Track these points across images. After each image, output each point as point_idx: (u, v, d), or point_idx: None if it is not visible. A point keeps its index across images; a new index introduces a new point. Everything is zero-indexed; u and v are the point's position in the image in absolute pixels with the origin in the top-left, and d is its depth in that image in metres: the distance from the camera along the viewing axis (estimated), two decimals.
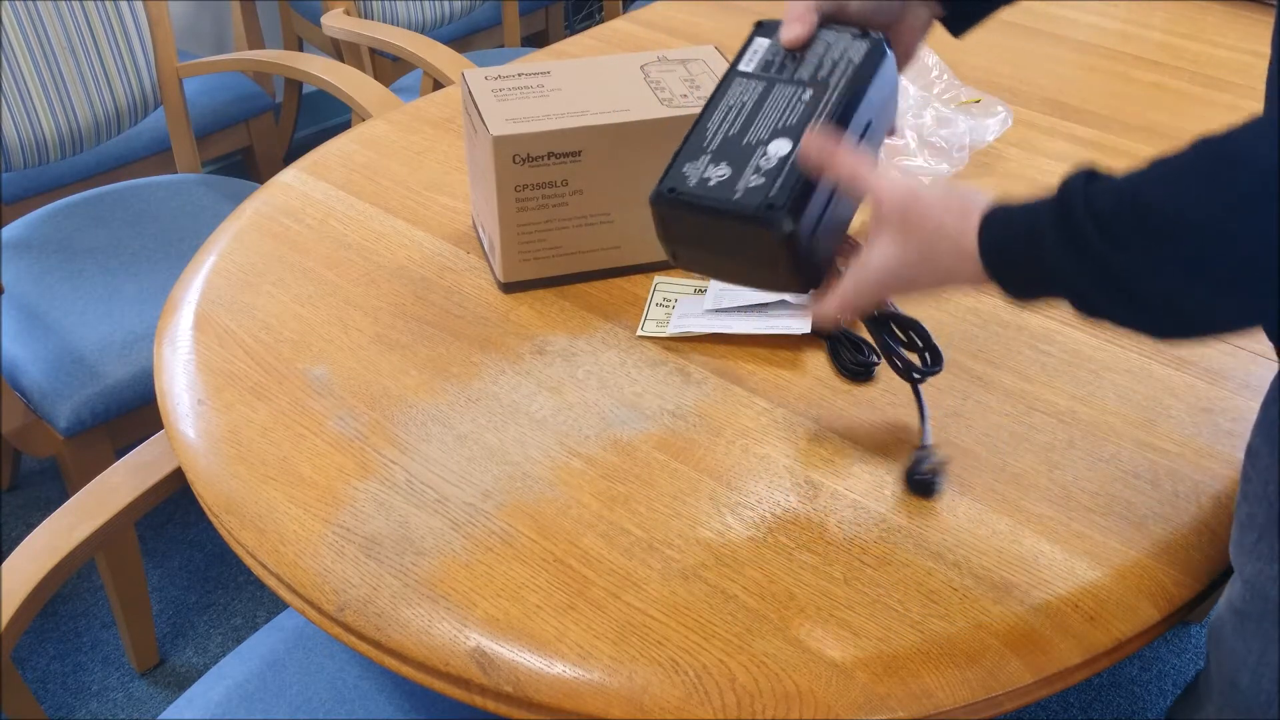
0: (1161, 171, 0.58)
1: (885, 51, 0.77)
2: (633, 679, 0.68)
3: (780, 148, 0.73)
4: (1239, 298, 0.56)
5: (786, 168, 0.72)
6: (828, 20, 0.79)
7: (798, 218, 0.70)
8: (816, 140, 0.72)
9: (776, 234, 0.71)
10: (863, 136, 0.76)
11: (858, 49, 0.77)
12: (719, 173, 0.73)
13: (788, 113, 0.75)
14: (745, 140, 0.75)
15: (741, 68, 0.79)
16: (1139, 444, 0.84)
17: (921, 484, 0.79)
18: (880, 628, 0.70)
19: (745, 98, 0.77)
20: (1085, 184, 0.60)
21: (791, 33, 0.79)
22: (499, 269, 0.98)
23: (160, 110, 1.97)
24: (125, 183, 1.67)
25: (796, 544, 0.76)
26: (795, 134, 0.74)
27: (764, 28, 0.81)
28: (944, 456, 0.82)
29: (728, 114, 0.76)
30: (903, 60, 0.82)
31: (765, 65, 0.78)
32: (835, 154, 0.71)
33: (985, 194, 0.67)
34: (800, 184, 0.71)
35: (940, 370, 0.85)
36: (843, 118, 0.74)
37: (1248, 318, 0.59)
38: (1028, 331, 0.95)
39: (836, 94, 0.75)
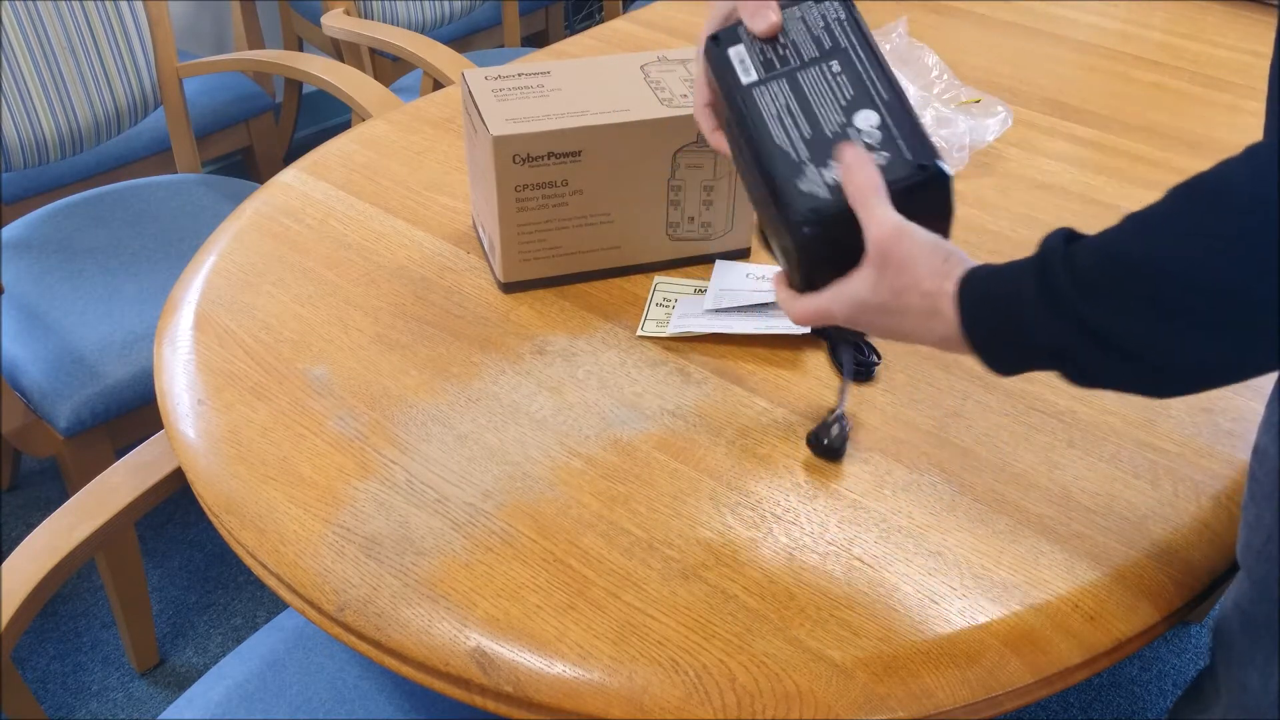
0: (1137, 222, 0.57)
1: None
2: (633, 679, 0.68)
3: (868, 119, 0.72)
4: (1225, 340, 0.55)
5: (897, 130, 0.71)
6: None
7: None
8: (854, 156, 0.70)
9: (945, 182, 0.71)
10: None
11: (831, 7, 0.76)
12: (835, 173, 0.71)
13: (839, 89, 0.73)
14: (827, 132, 0.72)
15: (746, 81, 0.76)
16: (1139, 444, 0.84)
17: (827, 449, 0.82)
18: (880, 628, 0.70)
19: (782, 100, 0.74)
20: (1064, 243, 0.60)
21: (765, 20, 0.75)
22: (499, 269, 0.98)
23: (160, 110, 1.97)
24: (125, 183, 1.67)
25: (796, 544, 0.76)
26: (868, 99, 0.73)
27: (722, 39, 0.77)
28: (849, 424, 0.84)
29: (783, 122, 0.73)
30: None
31: (766, 65, 0.76)
32: (855, 167, 0.70)
33: (967, 259, 0.66)
34: (920, 134, 0.71)
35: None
36: (881, 66, 0.74)
37: (1240, 363, 0.56)
38: None
39: (858, 49, 0.74)
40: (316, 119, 2.73)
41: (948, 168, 0.70)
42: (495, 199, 0.94)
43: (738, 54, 0.76)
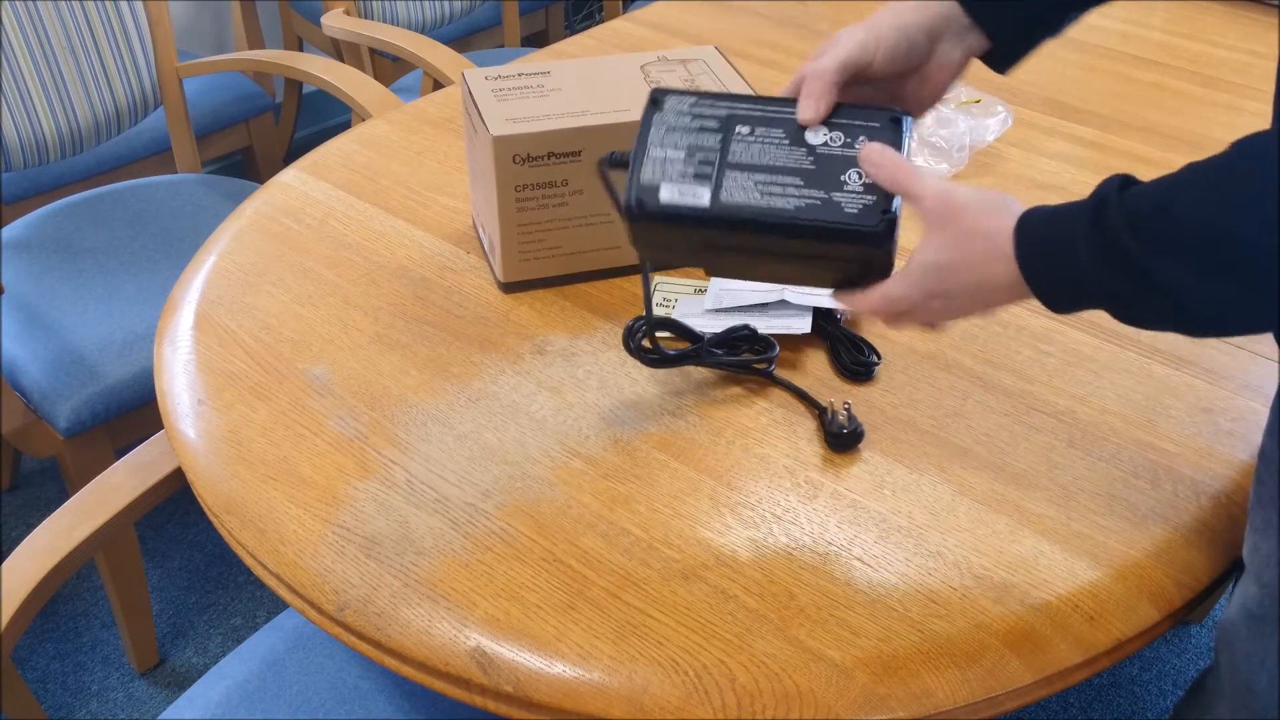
0: (1195, 175, 0.59)
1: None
2: (633, 679, 0.68)
3: (815, 134, 0.74)
4: (1271, 298, 0.57)
5: (846, 116, 0.74)
6: (845, 90, 0.76)
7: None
8: (875, 149, 0.72)
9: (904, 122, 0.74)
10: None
11: (681, 100, 0.76)
12: (853, 183, 0.73)
13: (770, 137, 0.75)
14: (808, 165, 0.74)
15: (703, 203, 0.73)
16: (1139, 444, 0.84)
17: (844, 438, 0.83)
18: (880, 628, 0.70)
19: (749, 184, 0.74)
20: (1120, 188, 0.61)
21: (807, 112, 0.74)
22: (499, 269, 0.98)
23: (160, 110, 1.97)
24: (125, 183, 1.67)
25: (796, 544, 0.76)
26: (793, 125, 0.75)
27: (644, 201, 0.74)
28: (849, 410, 0.85)
29: (772, 193, 0.73)
30: (930, 100, 0.80)
31: (700, 179, 0.74)
32: (877, 155, 0.72)
33: (1018, 202, 0.67)
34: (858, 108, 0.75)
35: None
36: (760, 98, 0.76)
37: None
38: (1028, 331, 0.95)
39: (735, 105, 0.76)
40: (316, 119, 2.73)
41: (906, 116, 0.74)
42: (495, 199, 0.94)
43: (669, 195, 0.74)
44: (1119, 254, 0.60)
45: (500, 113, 0.93)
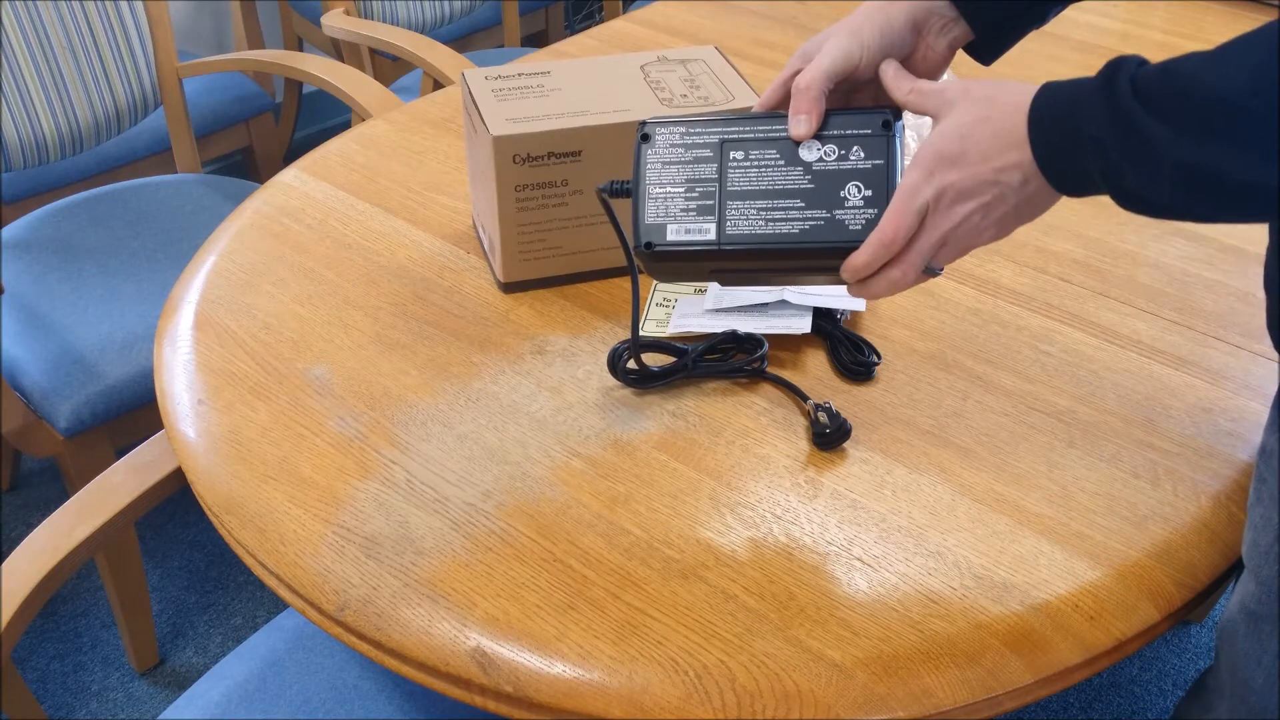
0: (1203, 53, 0.60)
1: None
2: (633, 679, 0.68)
3: (809, 150, 0.74)
4: (1251, 165, 0.57)
5: (836, 118, 0.74)
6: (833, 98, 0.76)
7: None
8: (889, 67, 0.73)
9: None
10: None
11: (671, 133, 0.76)
12: (854, 198, 0.73)
13: (765, 159, 0.74)
14: (806, 184, 0.74)
15: (710, 237, 0.74)
16: (1139, 444, 0.84)
17: (828, 436, 0.83)
18: (880, 628, 0.70)
19: (753, 212, 0.74)
20: (1137, 63, 0.62)
21: (799, 128, 0.74)
22: (499, 269, 0.98)
23: (160, 110, 1.97)
24: (125, 183, 1.67)
25: (796, 544, 0.76)
26: (785, 143, 0.75)
27: (655, 245, 0.75)
28: (831, 407, 0.85)
29: (775, 218, 0.74)
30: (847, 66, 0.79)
31: (703, 213, 0.74)
32: (891, 77, 0.73)
33: None
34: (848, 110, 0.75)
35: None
36: (752, 118, 0.76)
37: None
38: (1028, 331, 0.95)
39: (728, 129, 0.76)
40: (316, 119, 2.73)
41: (897, 120, 0.74)
42: (495, 199, 0.94)
43: (676, 234, 0.74)
44: (1115, 101, 0.61)
45: (500, 113, 0.93)
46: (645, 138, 0.76)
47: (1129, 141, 0.60)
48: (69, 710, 1.48)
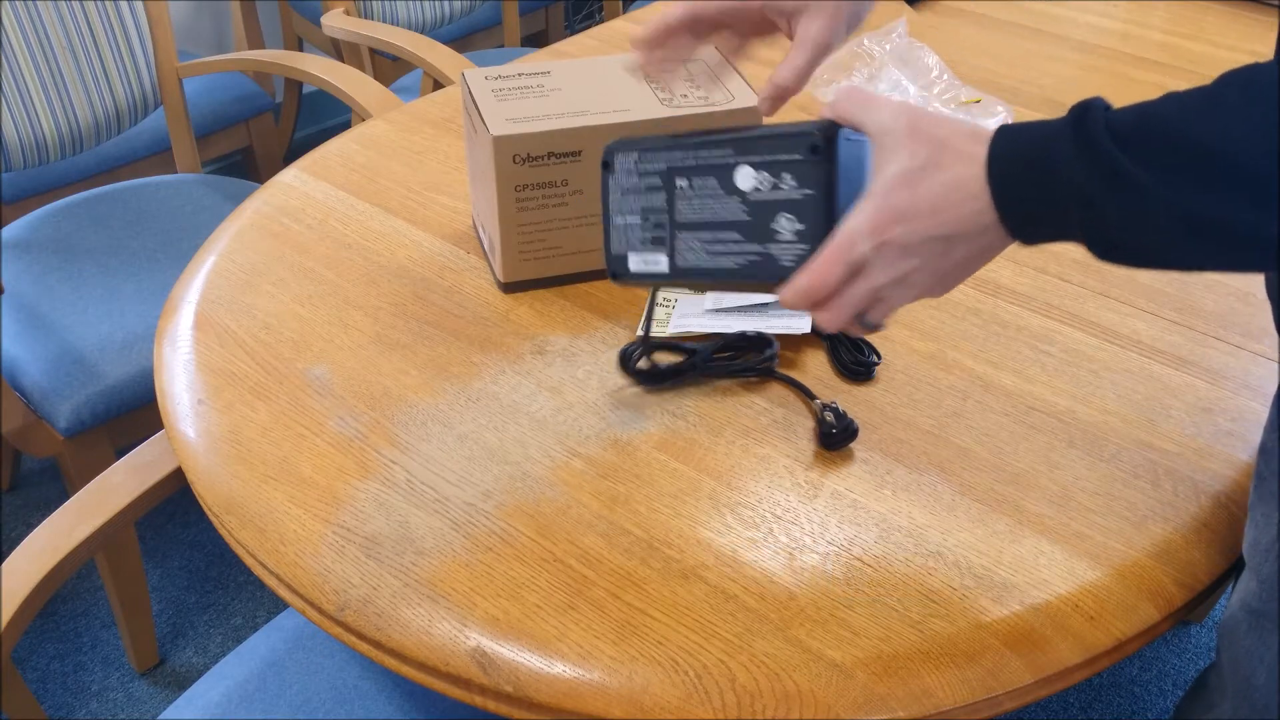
0: (1179, 99, 0.57)
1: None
2: (633, 679, 0.68)
3: (744, 176, 0.72)
4: (1242, 208, 0.55)
5: (766, 146, 0.71)
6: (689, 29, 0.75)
7: None
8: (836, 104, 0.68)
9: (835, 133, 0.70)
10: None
11: (628, 159, 0.76)
12: (786, 232, 0.72)
13: (705, 188, 0.74)
14: (744, 217, 0.72)
15: (663, 269, 0.76)
16: (1139, 444, 0.84)
17: (834, 437, 0.83)
18: (880, 628, 0.70)
19: (696, 245, 0.74)
20: (1105, 106, 0.59)
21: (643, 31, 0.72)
22: (499, 269, 0.98)
23: (160, 110, 1.97)
24: (125, 183, 1.67)
25: (796, 544, 0.76)
26: (724, 169, 0.73)
27: (628, 267, 0.78)
28: (838, 408, 0.85)
29: (716, 250, 0.74)
30: (822, 52, 0.77)
31: (656, 243, 0.76)
32: (838, 99, 0.68)
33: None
34: (777, 131, 0.72)
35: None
36: (688, 141, 0.75)
37: (1247, 238, 0.56)
38: (1028, 331, 0.95)
39: (676, 156, 0.75)
40: (316, 119, 2.73)
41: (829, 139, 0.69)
42: (495, 199, 0.94)
43: (636, 265, 0.78)
44: (1092, 146, 0.57)
45: (500, 113, 0.93)
46: (606, 165, 0.78)
47: (1120, 192, 0.57)
48: (69, 710, 1.48)
